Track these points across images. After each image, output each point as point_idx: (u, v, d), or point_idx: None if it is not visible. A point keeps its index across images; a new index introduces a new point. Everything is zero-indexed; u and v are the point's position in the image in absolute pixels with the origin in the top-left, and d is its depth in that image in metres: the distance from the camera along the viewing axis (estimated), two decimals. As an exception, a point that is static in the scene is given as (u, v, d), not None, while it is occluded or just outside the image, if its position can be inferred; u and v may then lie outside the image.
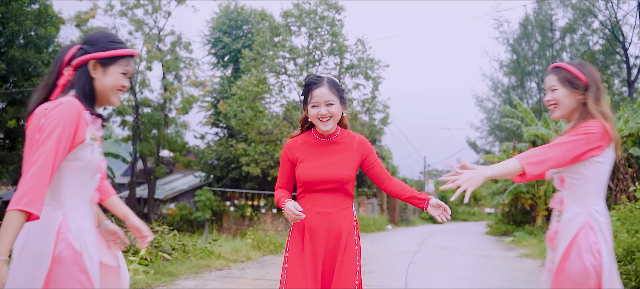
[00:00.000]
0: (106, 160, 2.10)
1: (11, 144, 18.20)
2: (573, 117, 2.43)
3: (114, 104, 2.08)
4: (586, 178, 2.30)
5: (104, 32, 2.10)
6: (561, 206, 2.36)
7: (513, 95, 32.78)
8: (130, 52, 2.08)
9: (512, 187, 16.85)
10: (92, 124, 2.00)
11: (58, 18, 19.88)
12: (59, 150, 1.82)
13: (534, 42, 31.99)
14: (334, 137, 2.75)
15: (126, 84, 2.08)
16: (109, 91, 2.04)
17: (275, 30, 18.05)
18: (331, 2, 18.16)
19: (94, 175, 2.03)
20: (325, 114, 2.63)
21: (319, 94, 2.63)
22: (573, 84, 2.39)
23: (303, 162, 2.71)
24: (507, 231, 18.42)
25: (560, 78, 2.42)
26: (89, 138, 1.96)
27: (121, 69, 2.05)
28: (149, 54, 21.33)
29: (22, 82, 17.80)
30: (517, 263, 9.45)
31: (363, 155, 2.74)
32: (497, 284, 6.75)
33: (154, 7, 21.54)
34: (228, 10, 24.21)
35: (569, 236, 2.24)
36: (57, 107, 1.87)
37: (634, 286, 4.89)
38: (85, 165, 1.97)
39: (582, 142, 2.25)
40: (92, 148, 1.98)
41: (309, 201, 2.67)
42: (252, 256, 9.17)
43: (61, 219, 1.89)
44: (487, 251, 11.81)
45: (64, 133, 1.84)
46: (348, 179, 2.66)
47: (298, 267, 2.58)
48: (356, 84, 18.39)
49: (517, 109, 17.86)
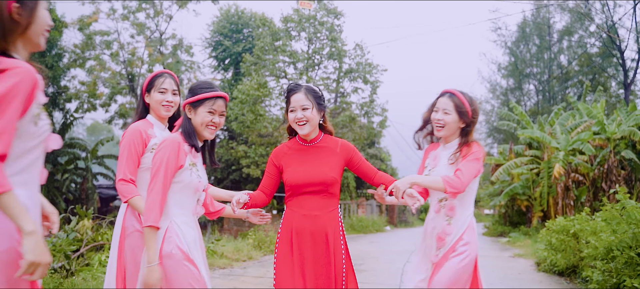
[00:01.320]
0: (204, 181, 2.57)
1: (15, 147, 18.35)
2: (450, 138, 2.96)
3: (207, 137, 2.56)
4: (471, 190, 2.88)
5: (201, 82, 2.58)
6: (452, 211, 2.87)
7: (511, 97, 33.04)
8: (212, 94, 2.53)
9: (509, 189, 17.14)
10: (190, 153, 2.51)
11: (61, 22, 20.17)
12: (167, 177, 2.39)
13: (532, 45, 32.25)
14: (317, 141, 2.92)
15: (216, 120, 2.54)
16: (200, 126, 2.53)
17: (276, 35, 18.35)
18: (330, 7, 18.48)
19: (194, 193, 2.51)
20: (301, 117, 2.81)
21: (296, 99, 2.83)
22: (461, 113, 2.90)
23: (289, 167, 2.88)
24: (503, 232, 18.69)
25: (454, 104, 2.91)
26: (188, 164, 2.47)
27: (207, 108, 2.51)
28: (151, 57, 21.61)
29: (26, 86, 18.00)
30: (510, 262, 9.73)
31: (347, 157, 2.93)
32: (487, 283, 7.03)
33: (155, 11, 21.82)
34: (229, 14, 24.51)
35: (457, 235, 2.83)
36: (162, 143, 2.47)
37: (614, 283, 5.17)
38: (186, 185, 2.46)
39: (480, 165, 2.83)
40: (191, 172, 2.48)
41: (296, 203, 2.84)
42: (254, 255, 9.46)
43: (167, 226, 2.39)
44: (482, 251, 12.10)
45: (169, 163, 2.40)
46: (332, 181, 2.83)
47: (287, 267, 2.76)
48: (355, 88, 18.71)
49: (514, 112, 18.13)
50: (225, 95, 2.61)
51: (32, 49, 1.90)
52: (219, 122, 2.59)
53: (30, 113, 1.74)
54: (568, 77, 30.44)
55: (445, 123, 2.92)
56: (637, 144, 13.61)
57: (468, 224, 2.85)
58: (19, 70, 1.69)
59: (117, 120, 21.84)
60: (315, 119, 2.85)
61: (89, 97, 21.04)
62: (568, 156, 14.01)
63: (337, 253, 2.79)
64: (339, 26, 18.46)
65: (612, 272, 5.20)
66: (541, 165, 15.57)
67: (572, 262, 7.12)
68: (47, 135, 1.83)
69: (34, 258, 1.62)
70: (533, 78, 32.52)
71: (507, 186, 17.74)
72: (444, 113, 2.92)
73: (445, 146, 3.00)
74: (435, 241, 2.89)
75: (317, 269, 2.76)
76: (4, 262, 1.64)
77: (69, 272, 5.26)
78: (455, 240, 2.82)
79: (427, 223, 2.99)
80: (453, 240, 2.83)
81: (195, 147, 2.51)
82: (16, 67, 1.69)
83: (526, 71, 32.24)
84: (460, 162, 2.85)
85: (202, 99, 2.53)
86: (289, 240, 2.81)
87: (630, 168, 13.95)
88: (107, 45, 21.39)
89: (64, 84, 20.63)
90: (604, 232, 5.75)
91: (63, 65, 20.02)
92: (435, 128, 2.96)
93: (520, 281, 7.26)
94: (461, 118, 2.91)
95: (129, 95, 21.58)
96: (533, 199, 16.44)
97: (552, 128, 16.15)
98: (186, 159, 2.48)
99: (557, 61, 31.36)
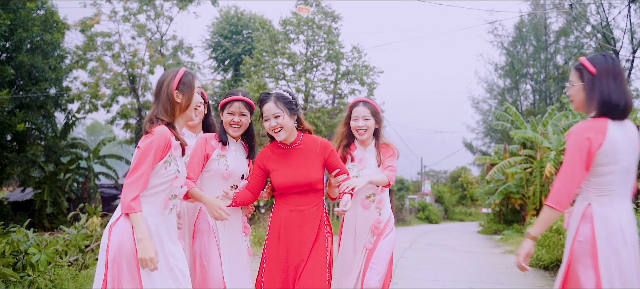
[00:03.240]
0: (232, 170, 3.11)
1: (19, 147, 18.75)
2: (369, 141, 3.47)
3: (231, 135, 3.13)
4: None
5: (227, 92, 3.21)
6: (381, 204, 3.42)
7: (508, 97, 33.34)
8: (229, 99, 3.12)
9: (503, 188, 17.51)
10: (217, 147, 3.09)
11: (63, 24, 20.50)
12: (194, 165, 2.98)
13: (529, 45, 32.54)
14: (296, 144, 3.08)
15: (236, 119, 3.11)
16: (225, 125, 3.13)
17: (275, 38, 18.71)
18: (328, 10, 18.84)
19: (221, 180, 3.06)
20: (275, 125, 2.96)
21: (267, 108, 2.98)
22: (376, 117, 3.45)
23: (275, 171, 3.04)
24: (498, 229, 19.04)
25: (371, 111, 3.44)
26: (215, 155, 3.05)
27: (227, 111, 3.13)
28: (152, 58, 21.95)
29: (29, 87, 18.36)
30: (500, 258, 10.11)
31: (324, 156, 3.09)
32: (475, 277, 7.41)
33: (156, 12, 22.17)
34: (228, 16, 24.83)
35: (384, 222, 3.41)
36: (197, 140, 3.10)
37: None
38: (214, 174, 3.05)
39: (396, 160, 3.49)
40: (218, 162, 3.05)
41: (285, 201, 3.05)
42: (254, 251, 9.83)
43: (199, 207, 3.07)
44: (474, 248, 12.47)
45: (195, 156, 3.01)
46: (317, 180, 3.04)
47: (274, 253, 3.01)
48: (352, 90, 19.07)
49: (508, 113, 18.50)
50: (240, 97, 3.12)
51: (187, 120, 2.72)
52: (239, 120, 3.12)
53: (163, 161, 2.47)
54: (564, 77, 30.74)
55: (367, 127, 3.43)
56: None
57: (390, 213, 3.46)
58: (157, 132, 2.44)
59: (118, 120, 22.18)
60: (289, 124, 2.99)
61: (91, 97, 21.35)
62: (559, 156, 14.38)
63: (320, 239, 3.02)
64: (336, 29, 18.83)
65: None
66: (534, 164, 15.93)
67: (555, 256, 7.49)
68: (173, 176, 2.54)
69: (141, 256, 2.34)
70: (530, 78, 32.79)
71: (502, 185, 18.10)
72: (365, 120, 3.43)
73: (366, 149, 3.48)
74: (369, 231, 3.39)
75: (302, 250, 2.97)
76: (126, 254, 2.38)
77: (82, 265, 5.64)
78: (383, 226, 3.41)
79: (353, 219, 3.42)
80: (382, 227, 3.40)
81: (222, 142, 3.08)
82: (156, 131, 2.45)
83: (523, 71, 32.51)
84: (385, 160, 3.40)
85: (224, 104, 3.13)
86: (277, 233, 3.04)
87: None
88: (109, 46, 21.75)
89: (66, 85, 20.95)
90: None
91: (65, 66, 20.32)
92: (357, 134, 3.44)
93: (506, 275, 7.64)
94: (377, 121, 3.45)
95: (131, 96, 21.93)
96: (527, 198, 16.78)
97: (544, 128, 16.52)
98: (214, 152, 3.05)
99: (554, 61, 31.64)
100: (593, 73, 2.47)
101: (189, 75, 2.60)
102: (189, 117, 2.65)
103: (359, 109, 3.43)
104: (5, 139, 18.37)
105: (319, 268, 2.95)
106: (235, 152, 3.14)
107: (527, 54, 32.56)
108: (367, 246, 3.38)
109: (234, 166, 3.10)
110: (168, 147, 2.48)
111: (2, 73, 16.85)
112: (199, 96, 2.66)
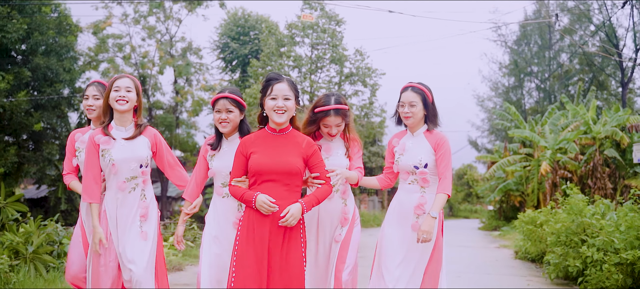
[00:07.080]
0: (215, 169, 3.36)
1: (35, 146, 19.45)
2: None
3: (222, 132, 3.29)
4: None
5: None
6: (346, 195, 3.44)
7: (512, 96, 33.55)
8: (215, 97, 3.28)
9: (503, 185, 18.01)
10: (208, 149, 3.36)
11: (76, 27, 21.22)
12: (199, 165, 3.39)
13: (533, 44, 32.70)
14: (285, 132, 3.03)
15: (223, 116, 3.24)
16: (216, 124, 3.30)
17: (281, 41, 19.33)
18: (332, 14, 19.42)
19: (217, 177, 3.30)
20: (281, 106, 2.93)
21: (279, 88, 2.95)
22: (344, 116, 3.36)
23: (255, 154, 2.93)
24: (497, 226, 19.46)
25: (340, 114, 3.33)
26: (208, 157, 3.34)
27: (215, 109, 3.28)
28: (162, 59, 22.63)
29: (45, 88, 19.07)
30: (493, 252, 10.64)
31: (307, 155, 3.00)
32: (466, 270, 7.95)
33: (165, 15, 22.85)
34: (236, 17, 25.43)
35: (351, 213, 3.45)
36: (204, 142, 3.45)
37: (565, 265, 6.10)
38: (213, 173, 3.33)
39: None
40: (211, 163, 3.31)
41: (259, 191, 2.88)
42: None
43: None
44: (472, 243, 13.00)
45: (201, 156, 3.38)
46: (296, 170, 2.91)
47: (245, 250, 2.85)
48: (355, 91, 19.69)
49: (508, 112, 18.98)
50: (225, 94, 3.23)
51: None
52: (227, 117, 3.23)
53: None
54: (569, 75, 30.94)
55: (339, 126, 3.37)
56: (621, 143, 14.44)
57: (354, 203, 3.52)
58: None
59: (130, 120, 22.83)
60: (292, 111, 3.00)
61: (103, 98, 21.99)
62: (555, 155, 14.87)
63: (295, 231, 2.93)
64: (340, 33, 19.42)
65: (563, 255, 6.12)
66: (532, 163, 16.41)
67: (540, 249, 8.03)
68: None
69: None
70: (534, 77, 32.96)
71: (502, 182, 18.58)
72: (337, 126, 3.37)
73: (332, 140, 3.45)
74: (338, 223, 3.42)
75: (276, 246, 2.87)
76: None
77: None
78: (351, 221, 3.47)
79: (314, 210, 3.25)
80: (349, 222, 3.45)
81: (217, 140, 3.34)
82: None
83: (527, 70, 32.67)
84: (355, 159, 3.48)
85: (213, 104, 3.30)
86: (250, 226, 2.90)
87: (614, 166, 14.81)
88: (120, 48, 22.45)
89: (78, 86, 21.66)
90: (563, 222, 6.65)
91: (78, 67, 20.98)
92: (329, 133, 3.39)
93: (495, 267, 8.19)
94: (344, 118, 3.37)
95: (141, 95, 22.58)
96: (525, 195, 17.25)
97: (542, 128, 16.99)
98: (207, 154, 3.38)
99: (558, 60, 31.80)
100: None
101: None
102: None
103: (332, 119, 3.33)
104: (21, 138, 19.08)
105: (294, 265, 2.89)
106: (226, 151, 3.28)
107: (531, 52, 32.69)
108: (337, 238, 3.39)
109: (218, 165, 3.28)
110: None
111: (20, 75, 17.50)
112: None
